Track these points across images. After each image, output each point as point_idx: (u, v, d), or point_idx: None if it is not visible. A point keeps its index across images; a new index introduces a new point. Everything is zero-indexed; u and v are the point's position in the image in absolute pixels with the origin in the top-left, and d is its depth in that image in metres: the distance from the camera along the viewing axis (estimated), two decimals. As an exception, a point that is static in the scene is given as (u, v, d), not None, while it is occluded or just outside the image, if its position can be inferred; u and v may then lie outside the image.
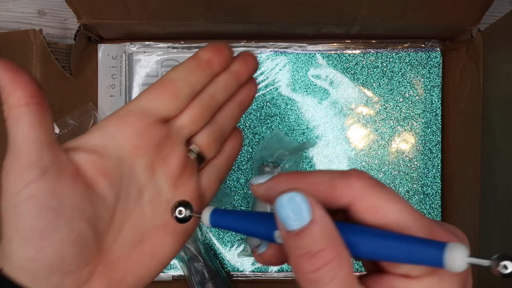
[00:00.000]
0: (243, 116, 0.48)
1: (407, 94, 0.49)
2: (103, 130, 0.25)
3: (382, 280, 0.19)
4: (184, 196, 0.27)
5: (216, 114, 0.29)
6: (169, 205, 0.23)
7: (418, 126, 0.49)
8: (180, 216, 0.22)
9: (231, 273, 0.49)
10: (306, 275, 0.18)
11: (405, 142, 0.49)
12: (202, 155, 0.29)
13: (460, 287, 0.19)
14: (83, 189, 0.23)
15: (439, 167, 0.49)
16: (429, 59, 0.49)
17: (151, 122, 0.26)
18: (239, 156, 0.48)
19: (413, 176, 0.49)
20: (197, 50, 0.48)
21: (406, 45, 0.49)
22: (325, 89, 0.49)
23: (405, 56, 0.49)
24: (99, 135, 0.25)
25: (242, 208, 0.49)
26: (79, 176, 0.23)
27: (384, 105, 0.49)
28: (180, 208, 0.22)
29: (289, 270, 0.49)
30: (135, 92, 0.49)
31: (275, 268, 0.48)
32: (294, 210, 0.18)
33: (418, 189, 0.49)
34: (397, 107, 0.49)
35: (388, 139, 0.49)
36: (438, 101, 0.49)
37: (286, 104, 0.49)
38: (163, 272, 0.48)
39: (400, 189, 0.49)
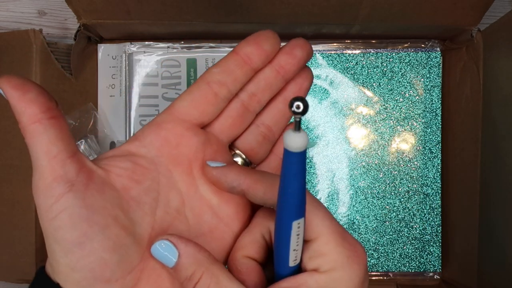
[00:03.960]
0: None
1: (407, 94, 0.49)
2: (139, 140, 0.25)
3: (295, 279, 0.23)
4: (230, 203, 0.26)
5: (261, 114, 0.28)
6: (214, 211, 0.26)
7: (418, 126, 0.49)
8: (298, 110, 0.19)
9: (231, 273, 0.49)
10: None
11: (405, 142, 0.49)
12: (248, 159, 0.28)
13: (360, 280, 0.23)
14: (114, 196, 0.23)
15: (439, 167, 0.49)
16: (429, 59, 0.49)
17: (188, 128, 0.25)
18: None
19: (413, 176, 0.49)
20: (196, 49, 0.49)
21: (406, 45, 0.49)
22: (325, 89, 0.49)
23: (405, 56, 0.49)
24: (135, 145, 0.25)
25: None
26: (108, 184, 0.23)
27: (384, 105, 0.49)
28: (298, 103, 0.19)
29: (289, 270, 0.49)
30: (135, 92, 0.49)
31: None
32: (166, 252, 0.23)
33: (418, 189, 0.49)
34: (397, 107, 0.49)
35: (388, 139, 0.49)
36: (438, 101, 0.49)
37: (286, 104, 0.49)
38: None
39: (400, 189, 0.49)
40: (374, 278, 0.49)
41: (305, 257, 0.23)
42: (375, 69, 0.49)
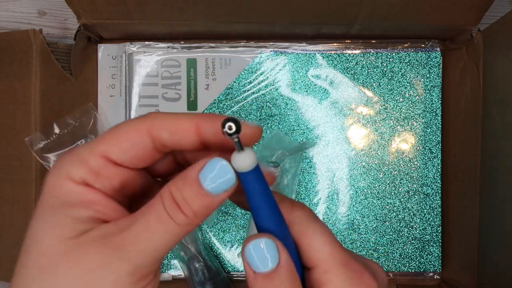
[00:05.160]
0: (243, 116, 0.48)
1: (407, 94, 0.49)
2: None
3: None
4: None
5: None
6: None
7: (418, 126, 0.49)
8: (231, 131, 0.19)
9: (231, 273, 0.49)
10: None
11: (405, 142, 0.49)
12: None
13: None
14: None
15: (439, 167, 0.49)
16: (429, 59, 0.49)
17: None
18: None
19: (413, 176, 0.49)
20: (196, 49, 0.49)
21: (406, 45, 0.49)
22: (325, 89, 0.49)
23: (405, 56, 0.49)
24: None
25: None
26: None
27: (384, 105, 0.49)
28: (229, 123, 0.19)
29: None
30: (135, 92, 0.49)
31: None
32: (263, 255, 0.20)
33: (418, 189, 0.49)
34: (397, 107, 0.49)
35: (388, 139, 0.49)
36: (438, 101, 0.49)
37: (286, 104, 0.49)
38: (163, 272, 0.48)
39: (400, 189, 0.49)
40: (374, 278, 0.49)
41: (308, 285, 0.21)
42: (375, 69, 0.49)
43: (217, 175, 0.19)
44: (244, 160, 0.19)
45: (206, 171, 0.19)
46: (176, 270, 0.48)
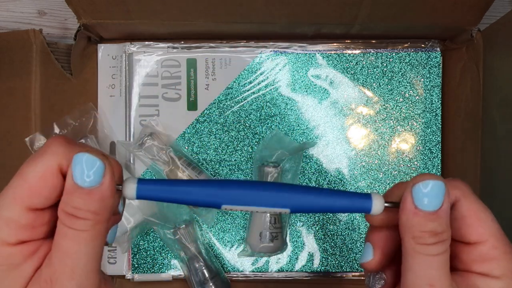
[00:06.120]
0: (243, 116, 0.49)
1: (407, 94, 0.49)
2: None
3: (464, 277, 0.22)
4: None
5: None
6: None
7: (418, 126, 0.49)
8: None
9: (231, 273, 0.49)
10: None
11: (405, 142, 0.49)
12: None
13: None
14: None
15: (439, 167, 0.49)
16: (429, 59, 0.49)
17: None
18: (239, 156, 0.49)
19: (413, 176, 0.49)
20: (196, 49, 0.49)
21: (406, 45, 0.49)
22: (325, 89, 0.49)
23: (405, 56, 0.49)
24: None
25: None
26: None
27: (384, 105, 0.49)
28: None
29: (288, 270, 0.49)
30: (135, 92, 0.49)
31: (275, 268, 0.48)
32: (434, 194, 0.21)
33: (418, 189, 0.49)
34: (397, 107, 0.49)
35: (388, 139, 0.49)
36: (438, 101, 0.49)
37: (286, 104, 0.49)
38: (163, 272, 0.48)
39: (400, 189, 0.49)
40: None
41: (468, 259, 0.22)
42: (375, 69, 0.49)
43: (88, 169, 0.20)
44: (125, 192, 0.22)
45: (77, 172, 0.20)
46: (176, 270, 0.48)
